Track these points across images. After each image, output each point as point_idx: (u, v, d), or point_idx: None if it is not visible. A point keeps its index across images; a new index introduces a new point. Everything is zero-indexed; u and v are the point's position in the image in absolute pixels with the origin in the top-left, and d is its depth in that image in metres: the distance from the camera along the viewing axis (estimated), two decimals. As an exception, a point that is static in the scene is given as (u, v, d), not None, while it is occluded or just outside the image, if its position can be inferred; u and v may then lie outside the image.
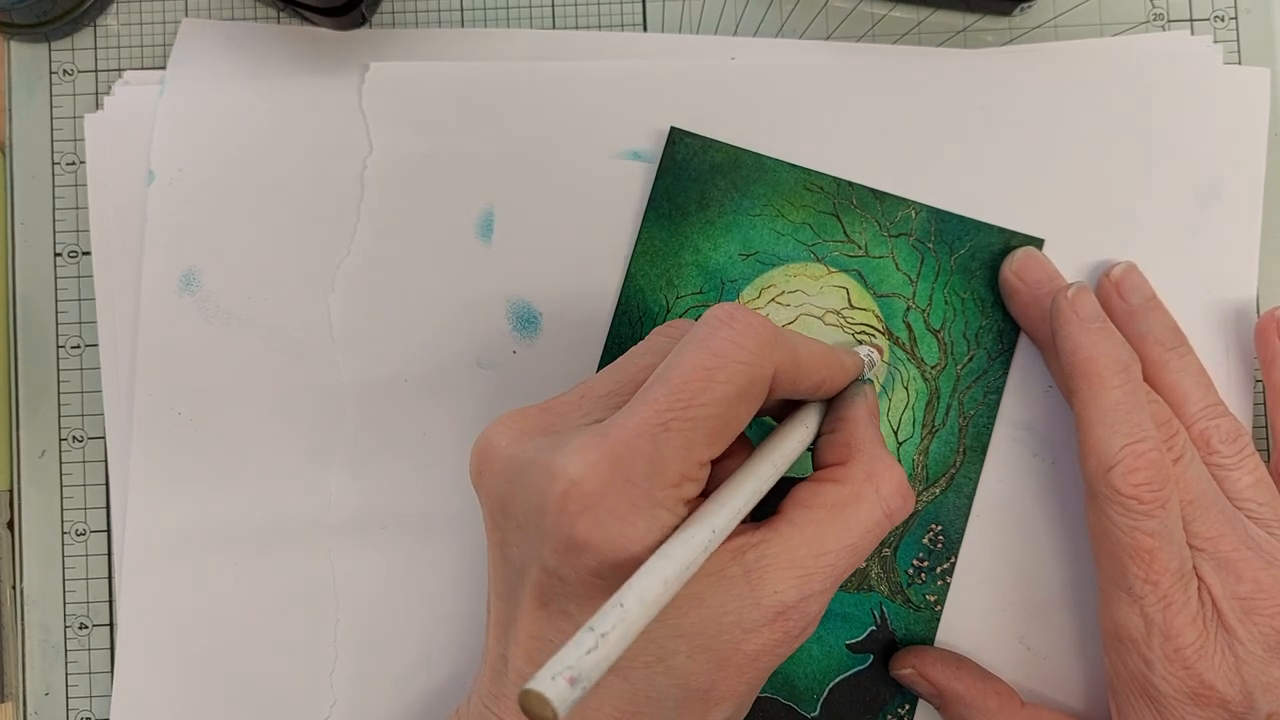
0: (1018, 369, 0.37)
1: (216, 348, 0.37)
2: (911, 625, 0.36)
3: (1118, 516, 0.31)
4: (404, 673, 0.37)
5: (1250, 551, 0.32)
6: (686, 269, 0.37)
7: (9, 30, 0.38)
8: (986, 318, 0.37)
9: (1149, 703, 0.32)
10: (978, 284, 0.37)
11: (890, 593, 0.36)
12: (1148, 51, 0.38)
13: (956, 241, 0.37)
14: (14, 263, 0.39)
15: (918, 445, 0.37)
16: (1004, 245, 0.36)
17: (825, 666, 0.36)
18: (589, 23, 0.39)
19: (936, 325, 0.37)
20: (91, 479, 0.38)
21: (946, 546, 0.36)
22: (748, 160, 0.37)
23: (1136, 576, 0.31)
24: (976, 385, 0.37)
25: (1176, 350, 0.35)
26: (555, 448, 0.27)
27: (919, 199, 0.37)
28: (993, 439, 0.37)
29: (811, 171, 0.37)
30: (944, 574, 0.36)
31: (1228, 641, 0.31)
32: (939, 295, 0.37)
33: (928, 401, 0.37)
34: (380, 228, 0.37)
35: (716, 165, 0.37)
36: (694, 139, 0.37)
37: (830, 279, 0.37)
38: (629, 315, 0.37)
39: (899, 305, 0.37)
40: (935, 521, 0.36)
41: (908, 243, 0.37)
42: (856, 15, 0.38)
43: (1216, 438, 0.34)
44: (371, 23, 0.39)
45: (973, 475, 0.36)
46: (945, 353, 0.37)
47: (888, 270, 0.37)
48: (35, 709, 0.38)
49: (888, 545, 0.36)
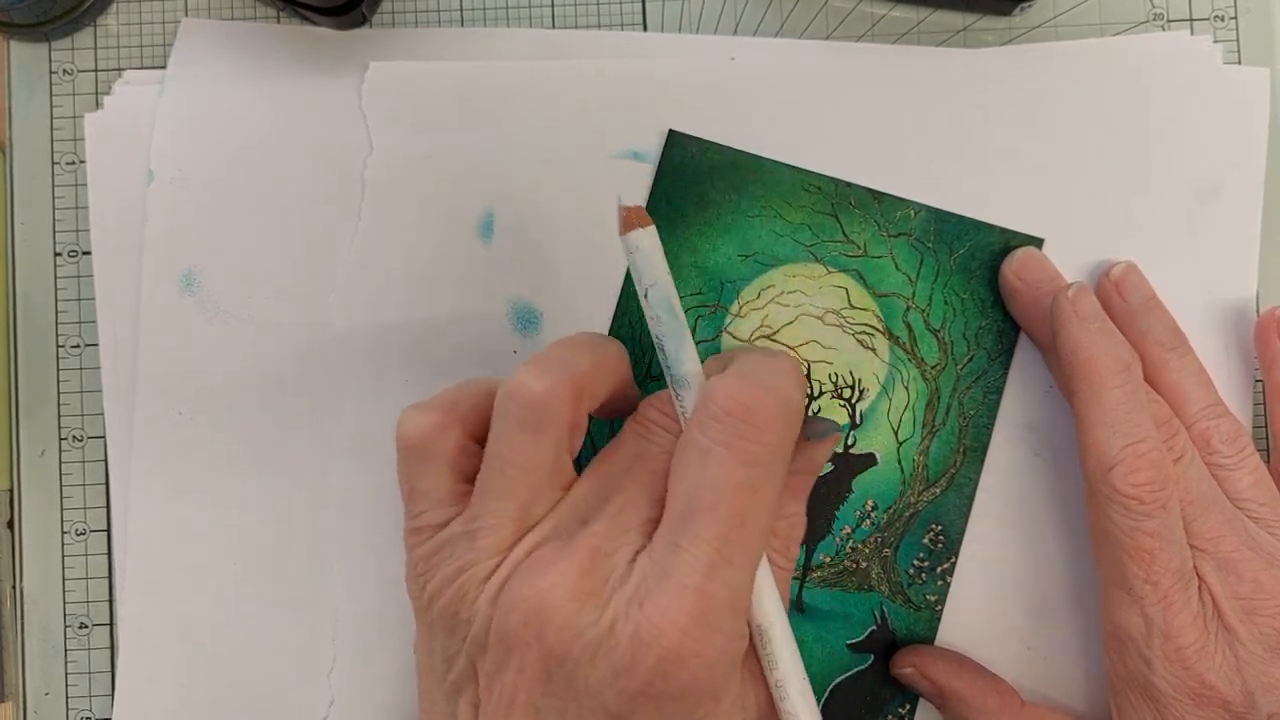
0: (1018, 369, 0.37)
1: (216, 348, 0.37)
2: (912, 625, 0.36)
3: (1118, 517, 0.31)
4: (403, 673, 0.37)
5: (1251, 552, 0.32)
6: (685, 270, 0.37)
7: (9, 30, 0.38)
8: (986, 318, 0.37)
9: (1149, 703, 0.32)
10: (977, 284, 0.37)
11: (891, 593, 0.36)
12: (1147, 51, 0.38)
13: (956, 241, 0.37)
14: (14, 263, 0.39)
15: (918, 445, 0.37)
16: (1004, 245, 0.37)
17: (826, 667, 0.36)
18: (589, 23, 0.39)
19: (936, 325, 0.37)
20: (91, 479, 0.38)
21: (947, 546, 0.36)
22: (746, 162, 0.37)
23: (1137, 576, 0.31)
24: (976, 385, 0.37)
25: (1176, 350, 0.35)
26: (635, 612, 0.26)
27: (918, 199, 0.37)
28: (994, 439, 0.37)
29: (810, 172, 0.37)
30: (944, 574, 0.36)
31: (1229, 642, 0.31)
32: (939, 295, 0.37)
33: (928, 401, 0.37)
34: (380, 228, 0.37)
35: (715, 167, 0.37)
36: (692, 141, 0.37)
37: (829, 279, 0.37)
38: (629, 317, 0.37)
39: (899, 305, 0.37)
40: (935, 521, 0.36)
41: (907, 242, 0.37)
42: (856, 15, 0.38)
43: (1217, 438, 0.34)
44: (371, 22, 0.39)
45: (973, 475, 0.36)
46: (945, 352, 0.37)
47: (887, 270, 0.37)
48: (35, 709, 0.38)
49: (888, 546, 0.36)
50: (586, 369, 0.29)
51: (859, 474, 0.37)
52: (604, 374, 0.29)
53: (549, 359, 0.29)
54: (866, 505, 0.36)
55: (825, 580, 0.36)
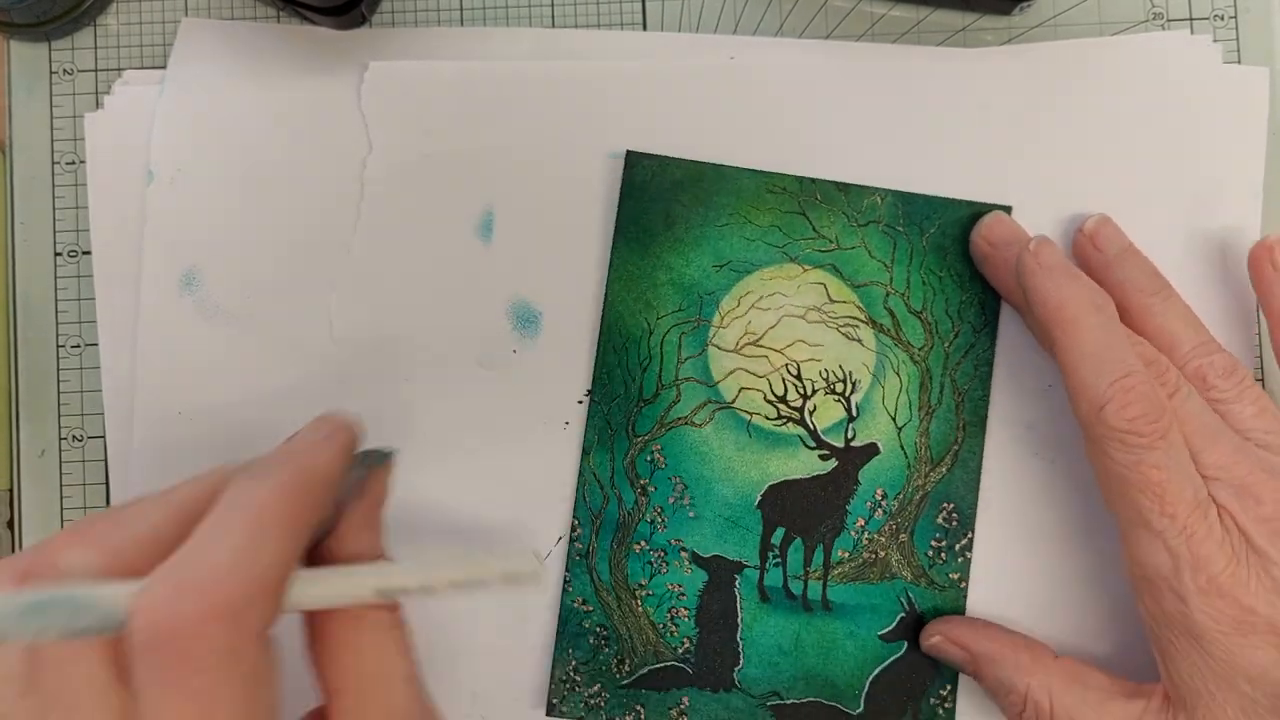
0: (1017, 368, 0.37)
1: (216, 347, 0.37)
2: (940, 606, 0.36)
3: (1119, 454, 0.30)
4: (404, 672, 0.37)
5: (1266, 474, 0.31)
6: (662, 289, 0.37)
7: (9, 30, 0.38)
8: (966, 292, 0.37)
9: (1192, 641, 0.30)
10: (953, 259, 0.37)
11: (914, 577, 0.36)
12: (1147, 51, 0.38)
13: (925, 221, 0.37)
14: (14, 262, 0.39)
15: (917, 428, 0.37)
16: (972, 217, 0.37)
17: (861, 660, 0.36)
18: (589, 22, 0.39)
19: (918, 307, 0.37)
20: (91, 478, 0.38)
21: (962, 523, 0.36)
22: (707, 172, 0.37)
23: (1152, 510, 0.30)
24: (966, 360, 0.37)
25: (1159, 294, 0.34)
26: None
27: (885, 185, 0.37)
28: (993, 440, 0.37)
29: (772, 174, 0.37)
30: (963, 550, 0.36)
31: (1262, 565, 0.30)
32: (916, 277, 0.37)
33: (920, 383, 0.37)
34: (380, 227, 0.38)
35: (677, 182, 0.37)
36: (651, 159, 0.37)
37: (806, 277, 0.37)
38: (613, 344, 0.37)
39: (878, 293, 0.37)
40: (946, 500, 0.36)
41: (878, 229, 0.37)
42: (856, 14, 0.38)
43: (1212, 374, 0.33)
44: (371, 22, 0.39)
45: (976, 449, 0.37)
46: (930, 332, 0.37)
47: (862, 260, 0.37)
48: (35, 709, 0.38)
49: (904, 531, 0.36)
50: (270, 562, 0.23)
51: (864, 465, 0.37)
52: (296, 547, 0.24)
53: (199, 561, 0.23)
54: (876, 495, 0.37)
55: (847, 575, 0.37)
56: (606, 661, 0.36)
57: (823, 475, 0.37)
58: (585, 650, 0.36)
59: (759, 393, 0.37)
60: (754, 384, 0.37)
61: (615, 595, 0.37)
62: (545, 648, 0.37)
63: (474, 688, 0.37)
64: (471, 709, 0.37)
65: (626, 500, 0.37)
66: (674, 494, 0.37)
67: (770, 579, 0.37)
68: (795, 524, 0.37)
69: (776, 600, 0.37)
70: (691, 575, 0.37)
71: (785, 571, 0.37)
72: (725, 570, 0.37)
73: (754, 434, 0.37)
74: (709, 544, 0.37)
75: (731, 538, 0.37)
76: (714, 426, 0.37)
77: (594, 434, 0.37)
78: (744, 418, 0.37)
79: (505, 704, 0.37)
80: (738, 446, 0.37)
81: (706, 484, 0.37)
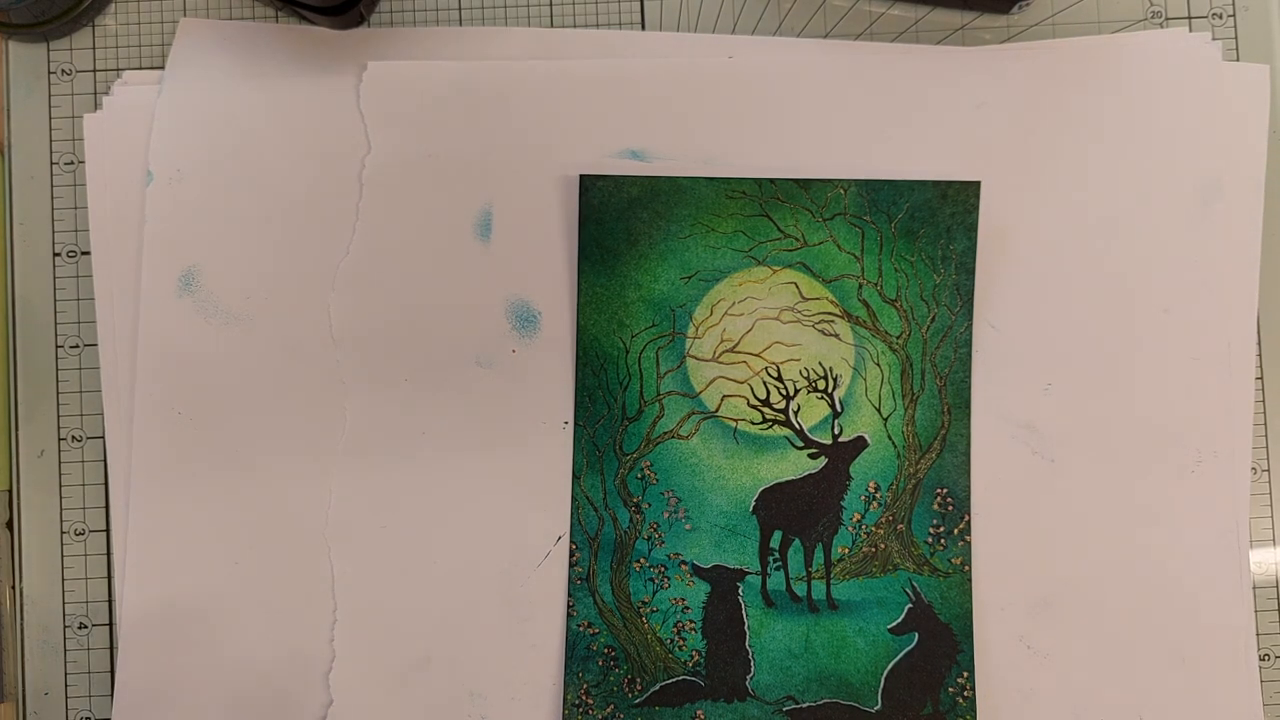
0: (1016, 367, 0.37)
1: (216, 348, 0.37)
2: (946, 592, 0.36)
3: None
4: (402, 673, 0.37)
5: None
6: (633, 307, 0.37)
7: (8, 30, 0.38)
8: (939, 274, 0.37)
9: None
10: (924, 243, 0.37)
11: (916, 566, 0.36)
12: (1146, 49, 0.38)
13: (893, 207, 0.37)
14: (13, 263, 0.39)
15: (903, 416, 0.37)
16: (940, 197, 0.36)
17: (874, 656, 0.36)
18: (588, 22, 0.39)
19: (892, 295, 0.37)
20: (91, 479, 0.38)
21: (957, 506, 0.36)
22: (664, 186, 0.37)
23: None
24: (945, 343, 0.37)
25: None
26: None
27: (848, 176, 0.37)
28: (993, 439, 0.37)
29: (729, 179, 0.37)
30: (962, 534, 0.36)
31: None
32: (888, 265, 0.37)
33: (902, 371, 0.37)
34: (379, 227, 0.37)
35: (635, 199, 0.37)
36: (605, 180, 0.37)
37: (776, 278, 0.37)
38: (590, 366, 0.37)
39: (850, 286, 0.37)
40: (940, 485, 0.36)
41: (844, 221, 0.37)
42: (854, 14, 0.38)
43: None
44: (370, 22, 0.39)
45: (964, 432, 0.36)
46: (907, 319, 0.37)
47: (831, 254, 0.37)
48: (35, 709, 0.38)
49: (901, 521, 0.36)
50: None
51: (854, 459, 0.37)
52: None
53: None
54: (869, 488, 0.37)
55: (849, 571, 0.37)
56: (618, 682, 0.36)
57: (814, 474, 0.37)
58: (595, 672, 0.36)
59: (742, 399, 0.37)
60: (736, 390, 0.37)
61: (620, 615, 0.37)
62: (555, 674, 0.37)
63: (485, 714, 0.37)
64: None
65: (621, 520, 0.37)
66: (668, 508, 0.37)
67: (773, 583, 0.37)
68: (792, 525, 0.37)
69: (782, 604, 0.36)
70: (694, 588, 0.37)
71: (787, 574, 0.36)
72: (727, 579, 0.37)
73: (741, 440, 0.37)
74: (708, 554, 0.37)
75: (730, 546, 0.37)
76: (701, 437, 0.37)
77: (582, 457, 0.37)
78: (729, 425, 0.37)
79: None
80: (726, 454, 0.37)
81: (699, 495, 0.37)
